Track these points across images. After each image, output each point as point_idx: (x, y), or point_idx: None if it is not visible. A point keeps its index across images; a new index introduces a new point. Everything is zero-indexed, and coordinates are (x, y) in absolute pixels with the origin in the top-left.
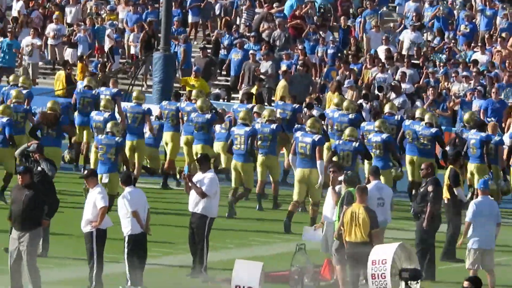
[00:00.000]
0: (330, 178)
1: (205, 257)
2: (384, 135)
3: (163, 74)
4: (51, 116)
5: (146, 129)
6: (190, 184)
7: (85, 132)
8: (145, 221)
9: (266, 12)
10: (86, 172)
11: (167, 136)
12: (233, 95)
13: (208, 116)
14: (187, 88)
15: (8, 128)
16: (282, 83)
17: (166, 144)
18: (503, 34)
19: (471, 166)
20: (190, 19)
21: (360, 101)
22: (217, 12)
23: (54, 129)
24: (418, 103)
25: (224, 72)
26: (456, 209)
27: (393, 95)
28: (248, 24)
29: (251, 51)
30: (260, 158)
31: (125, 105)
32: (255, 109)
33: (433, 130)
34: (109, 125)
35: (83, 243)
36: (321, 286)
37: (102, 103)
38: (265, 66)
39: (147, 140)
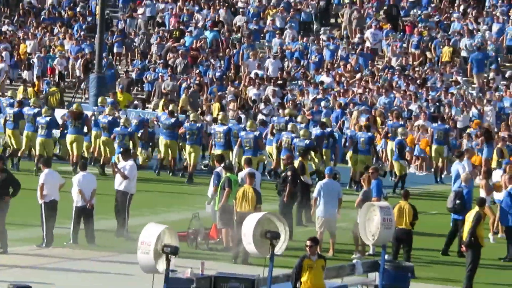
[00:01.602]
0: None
1: (126, 222)
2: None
3: (97, 89)
4: (77, 113)
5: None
6: (116, 169)
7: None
8: (90, 198)
9: (171, 45)
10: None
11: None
12: (147, 105)
13: (172, 120)
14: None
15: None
16: (183, 97)
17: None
18: (342, 62)
19: (362, 157)
20: (115, 50)
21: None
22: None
23: (80, 123)
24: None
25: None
26: (304, 189)
27: (262, 105)
28: (159, 54)
29: (160, 74)
30: (187, 147)
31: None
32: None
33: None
34: (122, 120)
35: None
36: (210, 244)
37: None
38: (170, 84)
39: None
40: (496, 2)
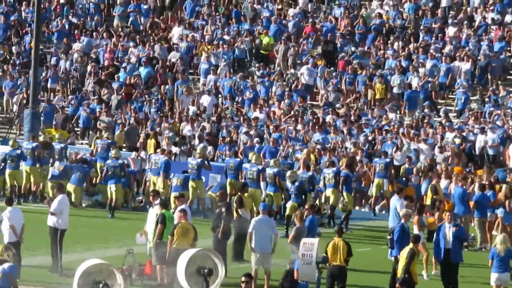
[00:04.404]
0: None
1: (59, 258)
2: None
3: (31, 125)
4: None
5: None
6: (48, 205)
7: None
8: (20, 233)
9: (106, 80)
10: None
11: None
12: (81, 141)
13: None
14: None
15: None
16: (118, 133)
17: None
18: (275, 99)
19: (329, 191)
20: (49, 85)
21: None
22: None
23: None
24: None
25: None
26: (241, 223)
27: (197, 141)
28: (93, 89)
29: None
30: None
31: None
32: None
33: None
34: (113, 152)
35: None
36: (144, 279)
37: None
38: (106, 120)
39: None
40: (430, 39)
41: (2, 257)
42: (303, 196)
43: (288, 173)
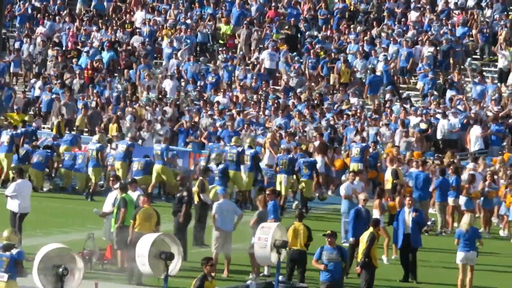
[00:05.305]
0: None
1: (19, 242)
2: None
3: None
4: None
5: None
6: None
7: None
8: None
9: (68, 65)
10: None
11: None
12: (43, 125)
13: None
14: (13, 121)
15: None
16: (80, 117)
17: None
18: (241, 83)
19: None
20: (12, 69)
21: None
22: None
23: None
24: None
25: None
26: (203, 208)
27: (159, 126)
28: (55, 74)
29: (54, 95)
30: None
31: None
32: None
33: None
34: (95, 137)
35: None
36: (105, 264)
37: None
38: (68, 104)
39: None
40: (393, 24)
41: (10, 241)
42: (227, 179)
43: (213, 155)
